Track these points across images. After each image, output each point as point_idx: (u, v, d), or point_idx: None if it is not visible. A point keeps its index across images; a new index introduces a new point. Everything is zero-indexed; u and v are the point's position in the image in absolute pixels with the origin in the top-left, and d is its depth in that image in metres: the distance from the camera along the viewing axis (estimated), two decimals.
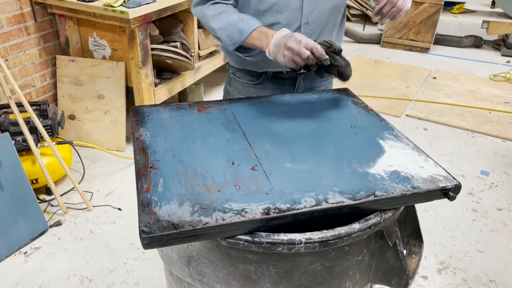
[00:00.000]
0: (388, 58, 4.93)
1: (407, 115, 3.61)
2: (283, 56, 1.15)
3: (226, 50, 1.48)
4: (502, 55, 5.05)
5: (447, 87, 4.14)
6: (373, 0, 1.27)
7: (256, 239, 0.82)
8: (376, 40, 5.41)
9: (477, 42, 5.32)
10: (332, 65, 1.18)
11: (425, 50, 5.13)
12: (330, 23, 1.38)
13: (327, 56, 1.15)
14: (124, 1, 2.55)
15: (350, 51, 5.13)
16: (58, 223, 2.30)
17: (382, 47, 5.33)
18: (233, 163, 0.98)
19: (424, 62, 4.82)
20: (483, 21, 5.15)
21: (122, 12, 2.45)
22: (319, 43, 1.17)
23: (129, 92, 2.87)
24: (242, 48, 1.30)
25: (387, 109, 3.68)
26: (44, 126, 2.35)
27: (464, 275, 2.05)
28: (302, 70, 1.21)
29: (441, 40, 5.34)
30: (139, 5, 2.51)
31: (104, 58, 2.89)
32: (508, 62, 4.86)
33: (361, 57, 4.92)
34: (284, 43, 1.14)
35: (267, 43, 1.19)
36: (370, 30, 5.78)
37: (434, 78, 4.35)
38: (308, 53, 1.12)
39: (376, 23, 6.19)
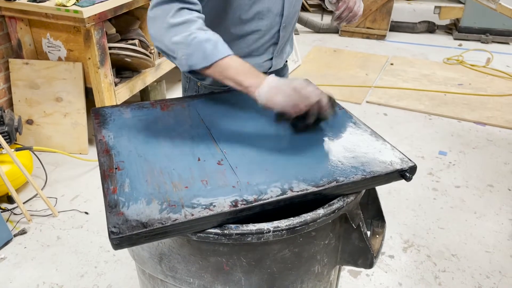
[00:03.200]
0: (346, 47, 5.04)
1: (367, 102, 3.71)
2: (285, 97, 0.99)
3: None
4: (454, 39, 5.26)
5: (404, 72, 4.28)
6: (330, 4, 1.34)
7: (225, 231, 0.84)
8: (334, 30, 5.51)
9: (430, 27, 5.52)
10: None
11: (381, 37, 5.27)
12: (296, 20, 1.43)
13: (330, 112, 1.06)
14: (77, 0, 2.48)
15: (309, 41, 5.20)
16: (23, 232, 2.24)
17: (341, 36, 5.43)
18: (199, 159, 1.00)
19: (381, 49, 4.95)
20: (435, 7, 5.34)
21: (75, 11, 2.39)
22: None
23: (88, 93, 2.80)
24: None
25: (348, 97, 3.77)
26: (1, 133, 2.27)
27: (428, 252, 2.16)
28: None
29: (396, 27, 5.50)
30: (93, 3, 2.45)
31: (60, 59, 2.81)
32: (460, 45, 5.06)
33: (321, 46, 5.00)
34: (288, 84, 1.00)
35: (258, 81, 1.01)
36: (328, 20, 5.87)
37: (392, 64, 4.48)
38: (316, 99, 1.01)
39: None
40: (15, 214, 2.36)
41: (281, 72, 1.56)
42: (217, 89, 1.41)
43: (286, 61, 1.62)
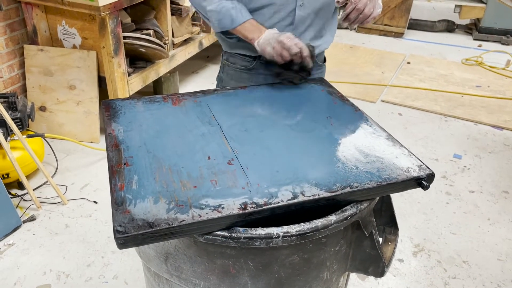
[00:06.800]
0: (363, 44, 4.96)
1: (382, 101, 3.65)
2: (272, 48, 1.24)
3: (219, 35, 1.49)
4: (474, 39, 5.14)
5: (421, 72, 4.20)
6: (337, 3, 1.28)
7: (233, 234, 0.81)
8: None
9: (449, 27, 5.40)
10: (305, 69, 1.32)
11: (399, 35, 5.18)
12: (324, 8, 1.37)
13: (311, 61, 1.28)
14: None
15: None
16: (32, 218, 2.25)
17: (357, 32, 5.35)
18: (209, 158, 0.97)
19: (399, 47, 4.87)
20: (456, 6, 5.22)
21: None
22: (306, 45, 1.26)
23: (101, 82, 2.80)
24: (227, 31, 1.38)
25: (363, 95, 3.71)
26: (13, 119, 2.27)
27: (438, 257, 2.11)
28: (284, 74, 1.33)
29: (414, 25, 5.40)
30: None
31: (74, 47, 2.80)
32: (479, 46, 4.95)
33: (337, 42, 4.93)
34: (276, 37, 1.23)
35: (258, 35, 1.27)
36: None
37: (408, 63, 4.40)
38: (296, 49, 1.22)
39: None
40: (25, 200, 2.37)
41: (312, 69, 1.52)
42: (239, 67, 1.50)
43: (325, 61, 1.56)
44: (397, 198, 2.45)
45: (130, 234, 0.76)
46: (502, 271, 2.04)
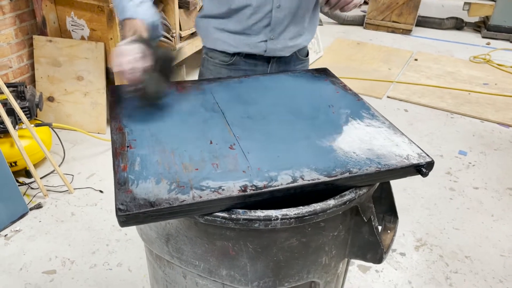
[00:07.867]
0: (370, 40, 4.95)
1: (388, 97, 3.65)
2: (116, 56, 1.02)
3: (198, 28, 1.47)
4: (483, 37, 5.11)
5: (428, 69, 4.19)
6: None
7: (233, 215, 0.83)
8: (359, 22, 5.42)
9: (458, 24, 5.37)
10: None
11: (407, 32, 5.16)
12: (303, 8, 1.35)
13: (148, 90, 1.05)
14: None
15: (333, 32, 5.12)
16: (39, 206, 2.28)
17: (365, 28, 5.34)
18: (211, 142, 0.99)
19: (406, 44, 4.85)
20: (465, 3, 5.19)
21: None
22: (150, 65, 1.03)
23: (109, 73, 2.82)
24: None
25: (369, 90, 3.71)
26: (21, 108, 2.30)
27: (440, 252, 2.12)
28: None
29: (423, 22, 5.37)
30: None
31: (82, 38, 2.83)
32: (488, 44, 4.92)
33: (344, 39, 4.92)
34: (123, 45, 1.03)
35: (124, 38, 1.08)
36: (353, 12, 5.76)
37: (416, 60, 4.39)
38: (126, 68, 1.00)
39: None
40: (32, 188, 2.41)
41: (291, 63, 1.49)
42: (218, 63, 1.46)
43: (307, 55, 1.56)
44: (400, 193, 2.46)
45: (132, 212, 0.77)
46: (504, 266, 2.04)
